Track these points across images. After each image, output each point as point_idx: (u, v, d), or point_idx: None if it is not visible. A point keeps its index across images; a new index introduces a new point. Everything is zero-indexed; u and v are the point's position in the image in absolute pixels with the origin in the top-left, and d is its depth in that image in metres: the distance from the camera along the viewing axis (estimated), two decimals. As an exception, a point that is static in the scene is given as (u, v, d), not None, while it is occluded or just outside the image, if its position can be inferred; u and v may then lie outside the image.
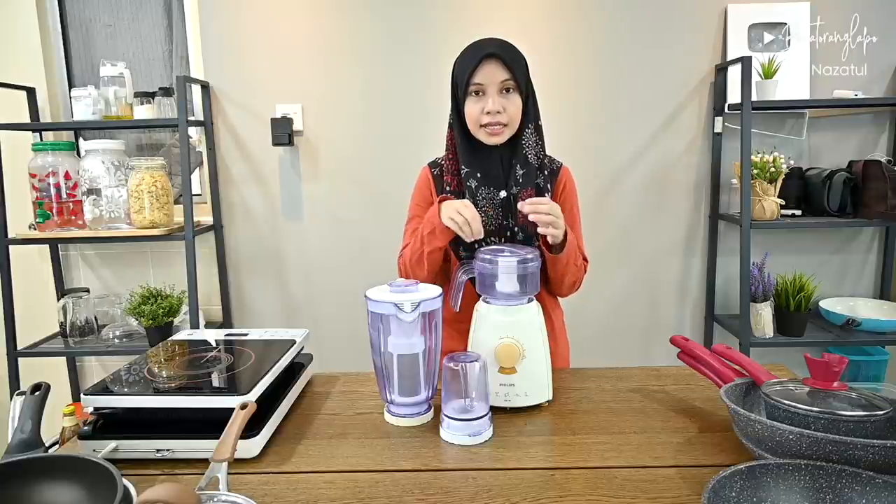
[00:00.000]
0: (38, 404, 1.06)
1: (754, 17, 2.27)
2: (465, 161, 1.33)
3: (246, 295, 2.55)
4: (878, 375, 2.34)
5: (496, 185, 1.32)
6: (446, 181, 1.36)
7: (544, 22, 2.31)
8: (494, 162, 1.32)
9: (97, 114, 2.27)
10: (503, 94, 1.26)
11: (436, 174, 1.41)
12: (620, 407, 1.11)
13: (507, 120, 1.27)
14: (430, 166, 1.44)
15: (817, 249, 2.45)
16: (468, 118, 1.29)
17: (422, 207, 1.41)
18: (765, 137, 2.35)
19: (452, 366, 1.00)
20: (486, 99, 1.25)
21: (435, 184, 1.41)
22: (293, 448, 0.98)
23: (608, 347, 2.51)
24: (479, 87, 1.26)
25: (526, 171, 1.31)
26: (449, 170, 1.36)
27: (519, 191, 1.31)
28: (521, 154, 1.31)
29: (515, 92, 1.27)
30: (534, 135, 1.33)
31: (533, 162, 1.32)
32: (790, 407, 0.84)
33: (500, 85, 1.25)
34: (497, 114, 1.25)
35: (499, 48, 1.26)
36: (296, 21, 2.34)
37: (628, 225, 2.44)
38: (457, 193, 1.34)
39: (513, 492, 0.84)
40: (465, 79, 1.26)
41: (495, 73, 1.25)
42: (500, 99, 1.25)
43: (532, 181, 1.32)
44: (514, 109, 1.27)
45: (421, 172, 1.45)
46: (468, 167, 1.32)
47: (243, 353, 1.13)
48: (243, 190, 2.47)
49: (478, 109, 1.26)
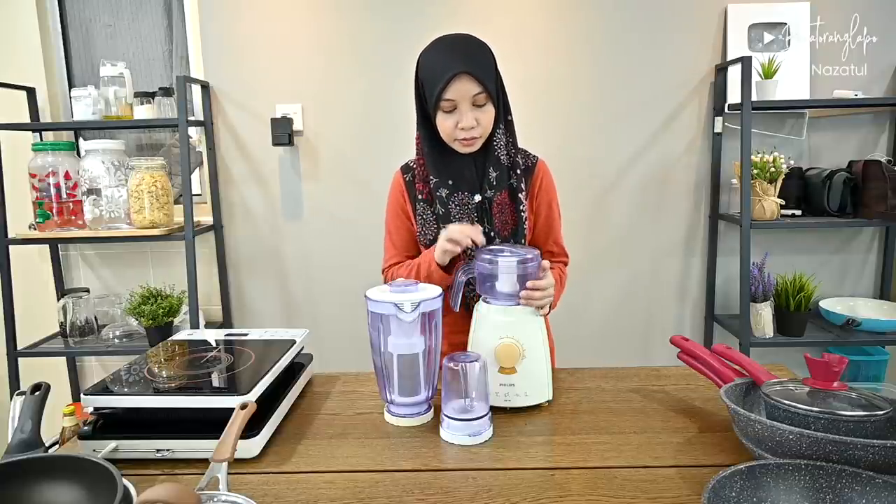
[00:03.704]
0: (38, 404, 1.06)
1: (754, 17, 2.27)
2: (435, 169, 1.31)
3: (246, 295, 2.55)
4: (878, 375, 2.34)
5: (469, 188, 1.30)
6: (418, 189, 1.34)
7: (544, 22, 2.31)
8: (466, 165, 1.30)
9: (97, 114, 2.27)
10: (476, 108, 1.23)
11: (408, 180, 1.38)
12: (620, 407, 1.11)
13: (481, 132, 1.25)
14: (403, 171, 1.41)
15: (817, 249, 2.45)
16: (441, 132, 1.27)
17: (399, 218, 1.39)
18: (765, 137, 2.35)
19: (452, 366, 1.00)
20: (458, 114, 1.22)
21: (408, 190, 1.38)
22: (293, 448, 0.98)
23: (608, 347, 2.51)
24: (451, 104, 1.22)
25: (499, 174, 1.30)
26: (420, 176, 1.34)
27: (493, 194, 1.29)
28: (493, 156, 1.29)
29: (488, 101, 1.24)
30: (504, 133, 1.31)
31: (505, 163, 1.30)
32: (790, 407, 0.84)
33: (472, 99, 1.22)
34: (472, 128, 1.23)
35: (468, 62, 1.20)
36: (296, 21, 2.34)
37: (628, 225, 2.44)
38: (428, 202, 1.33)
39: (513, 492, 0.84)
40: (435, 93, 1.21)
41: (467, 88, 1.20)
42: (474, 112, 1.23)
43: (505, 183, 1.30)
44: (488, 120, 1.25)
45: (394, 178, 1.42)
46: (438, 176, 1.30)
47: (243, 353, 1.13)
48: (243, 190, 2.47)
49: (451, 124, 1.24)
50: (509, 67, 2.36)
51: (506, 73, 1.30)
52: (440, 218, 1.32)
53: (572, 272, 1.48)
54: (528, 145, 1.40)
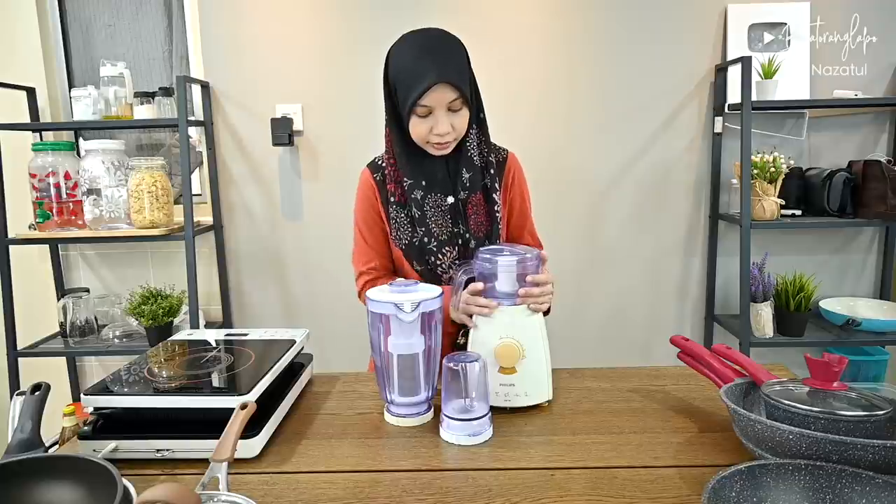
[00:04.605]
0: (38, 404, 1.05)
1: (754, 17, 2.27)
2: (408, 170, 1.28)
3: (246, 295, 2.55)
4: (878, 375, 2.34)
5: (443, 190, 1.29)
6: (390, 190, 1.31)
7: (544, 22, 2.31)
8: (439, 167, 1.29)
9: (97, 114, 2.27)
10: (451, 113, 1.20)
11: (378, 180, 1.35)
12: (620, 407, 1.11)
13: (456, 136, 1.24)
14: (372, 170, 1.36)
15: (817, 249, 2.45)
16: (414, 136, 1.24)
17: (371, 219, 1.36)
18: (765, 137, 2.35)
19: (452, 366, 1.00)
20: (433, 119, 1.20)
21: (379, 190, 1.34)
22: (293, 448, 0.98)
23: (608, 347, 2.51)
24: (426, 110, 1.19)
25: (472, 174, 1.28)
26: (392, 177, 1.31)
27: (467, 196, 1.28)
28: (466, 157, 1.28)
29: (463, 106, 1.21)
30: (477, 133, 1.29)
31: (477, 163, 1.29)
32: (790, 407, 0.84)
33: (448, 105, 1.19)
34: (446, 134, 1.21)
35: (445, 70, 1.16)
36: (296, 21, 2.34)
37: (628, 225, 2.44)
38: (402, 205, 1.31)
39: (513, 492, 0.84)
40: (410, 100, 1.18)
41: (444, 96, 1.17)
42: (449, 117, 1.20)
43: (479, 184, 1.29)
44: (462, 124, 1.23)
45: (362, 176, 1.38)
46: (412, 177, 1.28)
47: (243, 353, 1.13)
48: (243, 190, 2.47)
49: (425, 129, 1.21)
50: (509, 68, 2.38)
51: (506, 73, 1.31)
52: (415, 221, 1.30)
53: (572, 272, 1.48)
54: (527, 146, 1.40)
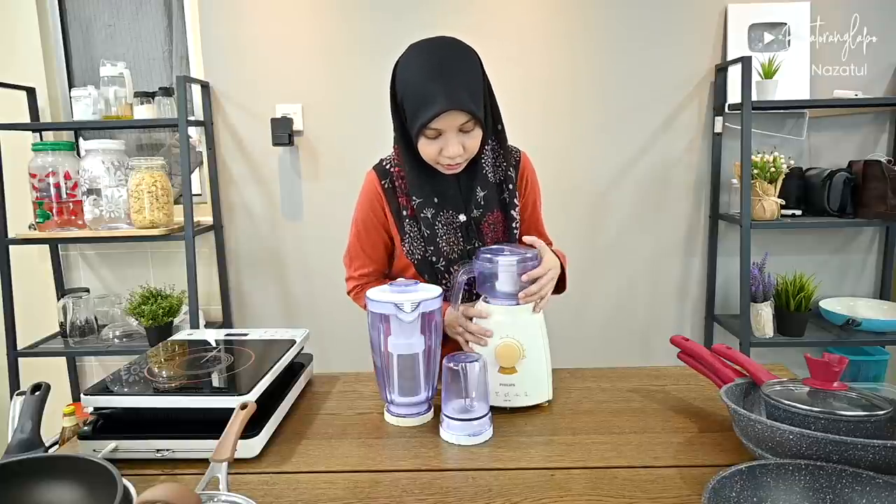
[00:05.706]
0: (38, 404, 1.06)
1: (754, 17, 2.27)
2: (417, 187, 1.22)
3: (246, 295, 2.55)
4: (878, 375, 2.34)
5: (454, 207, 1.23)
6: (402, 204, 1.25)
7: (544, 22, 2.31)
8: (450, 184, 1.23)
9: (97, 114, 2.27)
10: (462, 134, 1.13)
11: (387, 188, 1.26)
12: (620, 407, 1.11)
13: (467, 157, 1.17)
14: (379, 175, 1.28)
15: (817, 249, 2.45)
16: (424, 155, 1.17)
17: (374, 227, 1.30)
18: (765, 137, 2.35)
19: (452, 366, 1.00)
20: (443, 140, 1.13)
21: (388, 201, 1.27)
22: (293, 448, 0.98)
23: (608, 347, 2.51)
24: (435, 133, 1.12)
25: (487, 192, 1.23)
26: (403, 190, 1.25)
27: (481, 214, 1.23)
28: (480, 174, 1.22)
29: (476, 126, 1.14)
30: (493, 147, 1.23)
31: (492, 180, 1.24)
32: (790, 407, 0.84)
33: (459, 127, 1.12)
34: (457, 156, 1.14)
35: (456, 94, 1.08)
36: (296, 21, 2.34)
37: (628, 225, 2.44)
38: (413, 220, 1.25)
39: (513, 492, 0.84)
40: (418, 123, 1.11)
41: (455, 120, 1.10)
42: (460, 138, 1.13)
43: (495, 202, 1.24)
44: (475, 145, 1.16)
45: (367, 180, 1.29)
46: (421, 195, 1.22)
47: (243, 353, 1.13)
48: (243, 190, 2.47)
49: (434, 150, 1.14)
50: (509, 67, 2.38)
51: (506, 73, 1.29)
52: (426, 239, 1.24)
53: (572, 272, 1.48)
54: (527, 146, 1.39)
